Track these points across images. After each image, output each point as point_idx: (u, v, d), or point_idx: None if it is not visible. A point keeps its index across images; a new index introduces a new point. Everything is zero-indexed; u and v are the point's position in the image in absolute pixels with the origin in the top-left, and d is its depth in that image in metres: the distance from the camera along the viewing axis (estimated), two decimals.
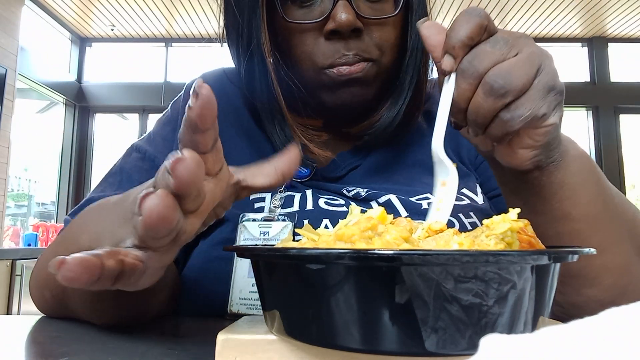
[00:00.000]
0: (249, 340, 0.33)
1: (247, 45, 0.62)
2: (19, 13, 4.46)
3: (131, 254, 0.33)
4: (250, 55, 0.62)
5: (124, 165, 0.69)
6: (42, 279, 0.55)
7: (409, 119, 0.67)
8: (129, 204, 0.37)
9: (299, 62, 0.60)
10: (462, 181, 0.67)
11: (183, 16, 5.28)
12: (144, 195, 0.30)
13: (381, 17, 0.59)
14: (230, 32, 0.66)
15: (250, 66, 0.63)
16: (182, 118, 0.33)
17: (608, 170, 5.79)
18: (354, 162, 0.68)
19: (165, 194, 0.30)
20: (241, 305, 0.57)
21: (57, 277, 0.29)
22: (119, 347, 0.42)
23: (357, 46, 0.57)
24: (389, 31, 0.60)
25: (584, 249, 0.30)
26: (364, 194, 0.63)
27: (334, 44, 0.57)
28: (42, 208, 5.89)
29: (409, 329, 0.26)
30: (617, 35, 6.00)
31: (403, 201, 0.62)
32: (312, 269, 0.28)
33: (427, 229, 0.34)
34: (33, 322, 0.55)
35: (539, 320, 0.29)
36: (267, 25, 0.60)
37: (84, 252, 0.31)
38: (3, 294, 3.40)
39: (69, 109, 5.70)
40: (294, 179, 0.65)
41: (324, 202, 0.62)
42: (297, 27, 0.58)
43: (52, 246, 0.56)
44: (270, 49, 0.61)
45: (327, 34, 0.57)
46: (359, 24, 0.56)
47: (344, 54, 0.57)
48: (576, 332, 0.16)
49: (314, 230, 0.36)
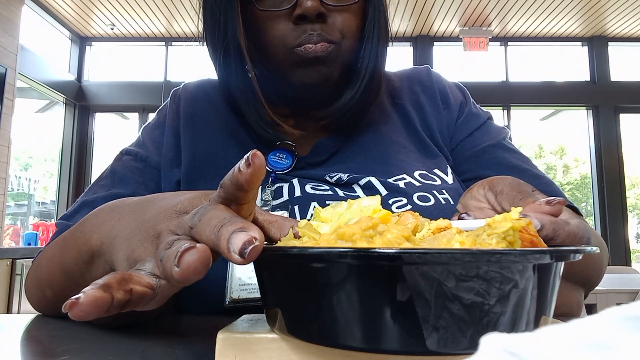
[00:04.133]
0: (249, 339, 0.33)
1: (223, 37, 0.68)
2: (19, 12, 4.46)
3: (144, 281, 0.33)
4: (227, 47, 0.69)
5: (115, 168, 0.72)
6: (43, 277, 0.55)
7: (368, 101, 0.73)
8: (152, 222, 0.37)
9: (271, 45, 0.67)
10: (433, 162, 0.73)
11: (183, 16, 5.28)
12: (185, 250, 0.31)
13: (341, 4, 0.67)
14: (207, 27, 0.72)
15: (227, 58, 0.69)
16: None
17: (608, 169, 5.79)
18: (333, 147, 0.73)
19: (204, 249, 0.31)
20: (242, 291, 0.57)
21: (69, 315, 0.30)
22: (119, 345, 0.42)
23: (321, 28, 0.65)
24: (349, 18, 0.67)
25: (586, 247, 0.30)
26: (345, 178, 0.68)
27: (301, 27, 0.65)
28: (42, 207, 5.89)
29: (410, 327, 0.26)
30: (617, 35, 6.00)
31: (382, 182, 0.68)
32: (313, 268, 0.28)
33: (432, 228, 0.34)
34: (33, 321, 0.55)
35: (541, 319, 0.29)
36: (242, 19, 0.68)
37: (95, 285, 0.31)
38: (3, 293, 3.40)
39: (68, 108, 5.70)
40: (278, 172, 0.71)
41: (311, 188, 0.68)
42: (269, 14, 0.66)
43: (58, 243, 0.55)
44: (244, 38, 0.68)
45: (295, 19, 0.65)
46: (323, 10, 0.65)
47: (309, 33, 0.65)
48: (577, 331, 0.16)
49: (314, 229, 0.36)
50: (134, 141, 0.76)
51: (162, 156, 0.72)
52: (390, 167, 0.71)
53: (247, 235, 0.30)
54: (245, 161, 0.33)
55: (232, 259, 0.30)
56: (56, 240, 0.56)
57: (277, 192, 0.68)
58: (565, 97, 6.03)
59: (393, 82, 0.82)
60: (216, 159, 0.72)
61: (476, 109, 0.80)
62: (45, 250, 0.59)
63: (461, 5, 5.33)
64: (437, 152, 0.75)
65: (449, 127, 0.78)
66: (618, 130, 5.95)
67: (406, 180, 0.68)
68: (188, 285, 0.32)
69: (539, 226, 0.38)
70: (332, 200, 0.65)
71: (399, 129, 0.77)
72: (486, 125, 0.78)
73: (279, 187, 0.69)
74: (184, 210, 0.37)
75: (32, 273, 0.59)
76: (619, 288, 2.42)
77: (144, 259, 0.35)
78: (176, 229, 0.35)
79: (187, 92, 0.79)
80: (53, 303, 0.54)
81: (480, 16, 5.58)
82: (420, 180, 0.69)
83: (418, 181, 0.69)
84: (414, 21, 5.72)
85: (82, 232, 0.47)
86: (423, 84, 0.81)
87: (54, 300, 0.54)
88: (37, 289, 0.57)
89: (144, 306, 0.34)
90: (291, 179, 0.70)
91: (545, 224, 0.39)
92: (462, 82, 0.87)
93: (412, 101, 0.79)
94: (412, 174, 0.70)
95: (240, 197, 0.34)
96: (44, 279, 0.55)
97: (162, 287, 0.34)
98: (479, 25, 5.82)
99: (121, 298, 0.32)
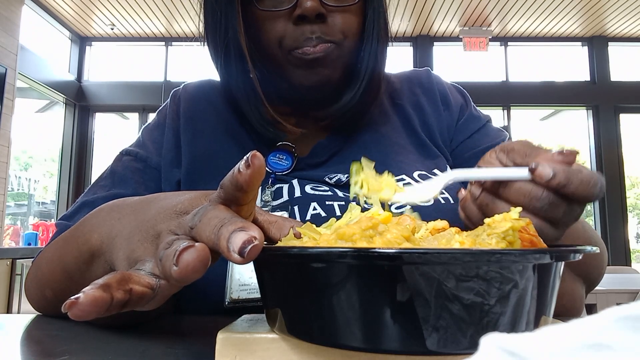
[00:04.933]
0: (249, 339, 0.33)
1: (224, 37, 0.69)
2: (19, 12, 4.46)
3: (143, 281, 0.33)
4: (227, 47, 0.69)
5: (115, 168, 0.72)
6: (43, 277, 0.55)
7: (367, 102, 0.73)
8: (152, 222, 0.37)
9: (270, 46, 0.66)
10: (433, 162, 0.73)
11: (183, 16, 5.28)
12: (184, 249, 0.31)
13: (342, 5, 0.66)
14: (208, 27, 0.72)
15: (228, 58, 0.69)
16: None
17: (608, 169, 5.79)
18: (333, 148, 0.73)
19: (203, 247, 0.31)
20: (241, 291, 0.57)
21: (69, 314, 0.30)
22: (119, 345, 0.42)
23: (321, 29, 0.65)
24: (350, 18, 0.67)
25: (586, 247, 0.30)
26: (344, 179, 0.69)
27: (301, 28, 0.65)
28: (42, 207, 5.89)
29: (410, 327, 0.26)
30: (617, 35, 6.00)
31: None
32: (313, 268, 0.28)
33: (430, 229, 0.34)
34: (33, 321, 0.55)
35: (542, 319, 0.29)
36: (242, 19, 0.68)
37: (95, 285, 0.31)
38: (3, 293, 3.40)
39: (68, 108, 5.70)
40: (278, 173, 0.70)
41: (310, 188, 0.68)
42: (269, 14, 0.66)
43: (58, 243, 0.55)
44: (245, 38, 0.68)
45: (295, 19, 0.64)
46: (323, 10, 0.64)
47: (308, 37, 0.65)
48: (576, 331, 0.16)
49: (315, 229, 0.36)
50: (134, 141, 0.76)
51: (162, 156, 0.72)
52: (389, 168, 0.70)
53: (246, 234, 0.30)
54: (245, 162, 0.33)
55: (231, 258, 0.30)
56: (56, 240, 0.56)
57: (276, 192, 0.68)
58: (565, 97, 6.03)
59: (393, 84, 0.82)
60: (216, 159, 0.72)
61: (476, 112, 0.81)
62: (46, 250, 0.59)
63: (461, 5, 5.33)
64: (436, 153, 0.75)
65: (449, 129, 0.78)
66: (618, 130, 5.95)
67: (405, 181, 0.69)
68: (187, 284, 0.32)
69: (552, 174, 0.38)
70: (332, 200, 0.65)
71: (399, 130, 0.77)
72: (486, 128, 0.78)
73: (279, 187, 0.69)
74: (184, 211, 0.37)
75: (32, 273, 0.59)
76: (619, 288, 2.42)
77: (143, 258, 0.36)
78: (176, 229, 0.35)
79: (187, 93, 0.79)
80: (53, 303, 0.54)
81: (480, 16, 5.58)
82: (419, 180, 0.69)
83: (417, 182, 0.69)
84: (414, 21, 5.72)
85: (82, 232, 0.47)
86: (423, 86, 0.81)
87: (54, 300, 0.54)
88: (37, 289, 0.57)
89: (143, 306, 0.34)
90: (291, 180, 0.70)
91: (557, 171, 0.38)
92: (462, 82, 0.87)
93: (412, 102, 0.79)
94: (412, 174, 0.70)
95: (240, 198, 0.34)
96: (44, 279, 0.55)
97: (162, 287, 0.34)
98: (479, 25, 5.82)
99: (121, 298, 0.32)
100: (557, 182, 0.38)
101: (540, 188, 0.39)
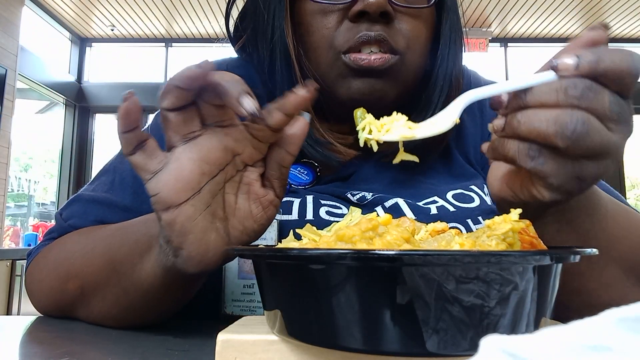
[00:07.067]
0: (249, 341, 0.33)
1: (270, 37, 0.61)
2: (19, 13, 4.46)
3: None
4: (272, 52, 0.61)
5: (118, 166, 0.67)
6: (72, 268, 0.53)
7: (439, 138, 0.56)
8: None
9: (317, 48, 0.57)
10: (469, 181, 0.63)
11: (183, 16, 5.28)
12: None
13: (412, 6, 0.56)
14: (251, 26, 0.65)
15: (272, 60, 0.61)
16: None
17: None
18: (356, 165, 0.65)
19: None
20: (235, 307, 0.57)
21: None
22: (119, 347, 0.42)
23: (383, 30, 0.54)
24: (419, 25, 0.57)
25: (585, 249, 0.30)
26: (369, 197, 0.59)
27: (358, 27, 0.54)
28: (42, 208, 5.89)
29: (410, 329, 0.26)
30: (617, 35, 6.00)
31: (411, 205, 0.59)
32: (313, 270, 0.28)
33: (430, 230, 0.34)
34: (33, 323, 0.55)
35: (541, 321, 0.29)
36: (290, 17, 0.59)
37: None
38: (3, 294, 3.40)
39: (68, 109, 5.70)
40: (293, 185, 0.62)
41: (325, 212, 0.58)
42: (321, 8, 0.56)
43: (102, 237, 0.54)
44: (292, 39, 0.59)
45: (353, 16, 0.54)
46: (389, 9, 0.54)
47: (365, 39, 0.54)
48: (576, 333, 0.16)
49: (315, 231, 0.36)
50: None
51: None
52: (419, 190, 0.62)
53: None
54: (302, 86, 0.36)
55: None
56: (99, 234, 0.55)
57: (285, 206, 0.59)
58: None
59: None
60: None
61: None
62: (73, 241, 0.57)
63: (461, 6, 5.33)
64: (474, 172, 0.66)
65: (483, 138, 0.68)
66: None
67: (438, 204, 0.59)
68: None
69: (576, 59, 0.32)
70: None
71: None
72: None
73: (289, 201, 0.59)
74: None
75: (50, 265, 0.57)
76: None
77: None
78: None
79: None
80: (72, 296, 0.53)
81: (480, 17, 5.59)
82: (454, 203, 0.60)
83: (452, 205, 0.60)
84: None
85: (136, 225, 0.49)
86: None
87: (77, 292, 0.52)
88: (56, 280, 0.55)
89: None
90: (305, 195, 0.60)
91: (582, 54, 0.32)
92: None
93: None
94: (445, 196, 0.61)
95: (280, 120, 0.36)
96: (73, 271, 0.53)
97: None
98: (478, 26, 5.82)
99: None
100: (587, 63, 0.32)
101: (571, 79, 0.33)
